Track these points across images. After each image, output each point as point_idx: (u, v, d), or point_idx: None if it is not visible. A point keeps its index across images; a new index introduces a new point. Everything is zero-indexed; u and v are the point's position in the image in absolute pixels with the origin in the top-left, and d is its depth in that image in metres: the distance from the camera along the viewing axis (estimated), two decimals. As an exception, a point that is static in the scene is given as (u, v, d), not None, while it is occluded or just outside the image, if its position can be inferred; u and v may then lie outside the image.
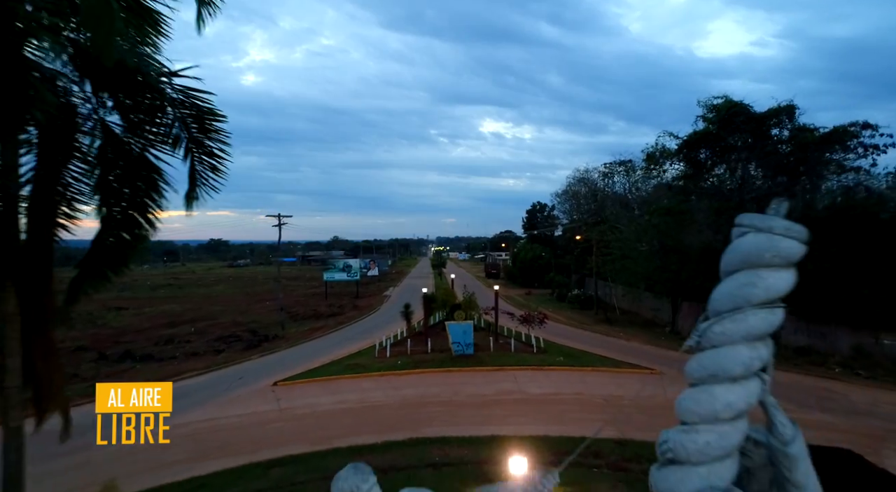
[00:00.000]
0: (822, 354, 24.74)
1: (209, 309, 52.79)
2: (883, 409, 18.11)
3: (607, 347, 28.38)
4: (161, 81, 5.71)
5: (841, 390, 20.44)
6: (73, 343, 31.11)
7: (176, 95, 5.78)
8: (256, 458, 14.12)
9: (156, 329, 39.02)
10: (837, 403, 18.95)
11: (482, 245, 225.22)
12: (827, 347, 24.99)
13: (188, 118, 5.91)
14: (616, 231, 37.73)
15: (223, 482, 12.80)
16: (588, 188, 53.31)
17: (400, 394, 20.09)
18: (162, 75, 5.71)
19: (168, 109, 5.85)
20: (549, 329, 30.28)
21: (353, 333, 35.56)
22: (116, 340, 34.41)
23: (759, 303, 2.33)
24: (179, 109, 5.82)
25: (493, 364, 24.26)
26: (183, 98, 5.78)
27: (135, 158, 5.96)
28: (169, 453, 13.69)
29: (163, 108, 5.82)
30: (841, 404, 18.82)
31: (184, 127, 5.93)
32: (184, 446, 14.80)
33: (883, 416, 17.36)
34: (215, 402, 19.92)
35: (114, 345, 32.74)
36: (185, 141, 6.02)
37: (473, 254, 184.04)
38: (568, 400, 19.00)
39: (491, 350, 27.12)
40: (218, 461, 14.00)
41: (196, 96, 5.82)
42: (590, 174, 55.42)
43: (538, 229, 70.53)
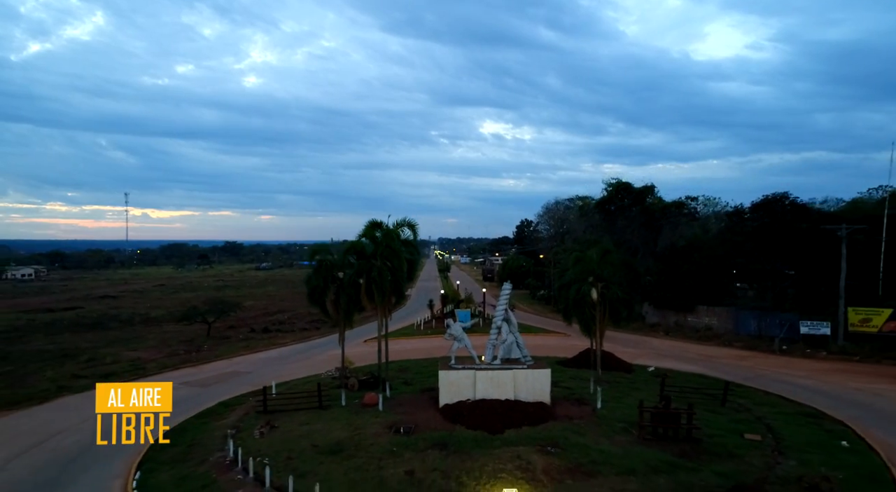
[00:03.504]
0: (661, 325, 44.79)
1: (280, 304, 72.78)
2: (661, 347, 38.06)
3: (549, 325, 48.36)
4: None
5: (653, 341, 40.51)
6: (230, 323, 51.23)
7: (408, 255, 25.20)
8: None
9: (261, 317, 59.03)
10: (647, 345, 38.93)
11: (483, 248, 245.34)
12: (663, 322, 45.04)
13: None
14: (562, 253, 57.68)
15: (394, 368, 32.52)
16: (554, 218, 73.35)
17: (427, 345, 39.77)
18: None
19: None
20: (519, 315, 50.13)
21: (393, 318, 55.53)
22: (246, 323, 54.45)
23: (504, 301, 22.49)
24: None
25: (481, 333, 44.16)
26: (410, 257, 25.16)
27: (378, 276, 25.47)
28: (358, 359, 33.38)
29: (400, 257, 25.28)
30: (647, 345, 38.81)
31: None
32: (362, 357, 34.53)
33: (658, 348, 37.31)
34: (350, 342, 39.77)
35: (246, 325, 52.74)
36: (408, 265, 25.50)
37: (474, 258, 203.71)
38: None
39: (480, 326, 47.00)
40: (366, 364, 33.71)
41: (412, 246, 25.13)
42: (558, 206, 75.49)
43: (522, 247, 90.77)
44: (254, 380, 30.48)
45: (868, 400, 24.54)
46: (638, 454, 17.46)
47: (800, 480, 15.58)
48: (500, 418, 20.18)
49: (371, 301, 23.38)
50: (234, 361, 36.94)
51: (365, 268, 22.60)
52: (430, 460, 17.10)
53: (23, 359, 37.61)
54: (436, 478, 15.87)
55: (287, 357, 38.12)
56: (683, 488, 15.18)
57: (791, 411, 22.73)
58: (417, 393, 25.12)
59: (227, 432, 20.88)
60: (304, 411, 22.85)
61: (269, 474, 16.11)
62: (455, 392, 21.82)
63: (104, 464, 19.01)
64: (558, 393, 23.74)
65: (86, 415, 24.28)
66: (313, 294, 23.94)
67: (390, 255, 22.70)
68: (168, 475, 17.74)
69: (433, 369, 25.23)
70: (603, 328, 22.95)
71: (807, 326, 34.56)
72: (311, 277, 24.07)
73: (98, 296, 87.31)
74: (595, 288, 21.97)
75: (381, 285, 22.39)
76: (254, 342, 43.35)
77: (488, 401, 21.28)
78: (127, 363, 35.83)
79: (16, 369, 34.58)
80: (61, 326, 53.39)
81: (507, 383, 21.78)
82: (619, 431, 19.70)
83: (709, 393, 24.18)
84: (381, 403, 23.04)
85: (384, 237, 23.03)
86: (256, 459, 17.52)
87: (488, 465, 16.45)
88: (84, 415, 23.91)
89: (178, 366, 35.18)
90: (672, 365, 31.79)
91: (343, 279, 22.75)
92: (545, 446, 17.87)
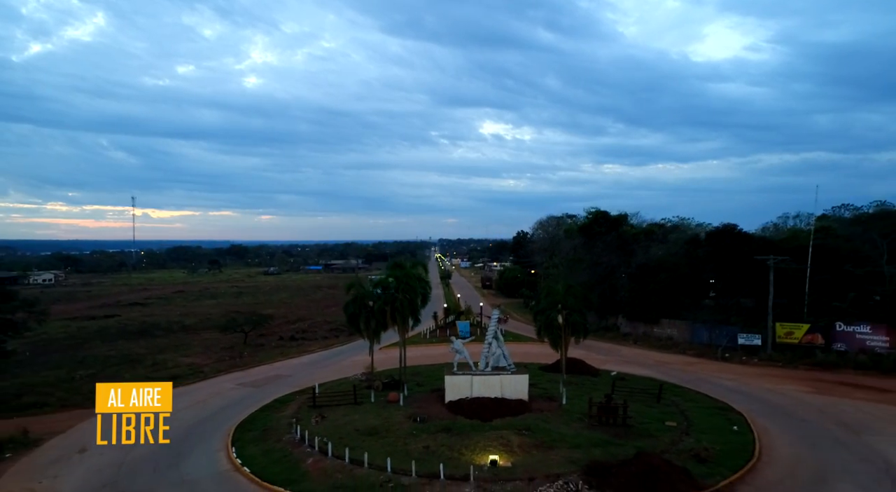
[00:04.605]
0: (631, 335, 52.44)
1: (298, 312, 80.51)
2: (628, 355, 45.69)
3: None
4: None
5: (622, 349, 48.16)
6: (261, 331, 58.93)
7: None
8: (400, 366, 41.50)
9: (285, 325, 66.71)
10: (617, 353, 46.57)
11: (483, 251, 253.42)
12: (633, 332, 52.70)
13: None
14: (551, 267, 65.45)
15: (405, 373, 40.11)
16: (546, 233, 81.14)
17: (434, 352, 47.34)
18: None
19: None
20: (512, 324, 57.88)
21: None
22: (273, 331, 62.11)
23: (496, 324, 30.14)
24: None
25: (478, 341, 51.77)
26: (423, 291, 32.86)
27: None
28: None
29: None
30: (617, 353, 46.45)
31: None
32: (380, 362, 42.14)
33: (625, 356, 44.94)
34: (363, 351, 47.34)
35: (274, 334, 60.38)
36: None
37: (474, 262, 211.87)
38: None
39: (478, 335, 54.64)
40: (385, 369, 41.30)
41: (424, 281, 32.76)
42: (550, 221, 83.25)
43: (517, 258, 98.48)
44: (295, 382, 38.19)
45: (770, 397, 32.16)
46: (585, 435, 25.06)
47: (690, 450, 23.19)
48: (490, 410, 27.78)
49: (394, 323, 31.06)
50: (274, 366, 44.59)
51: (389, 299, 30.21)
52: (439, 439, 24.69)
53: (97, 363, 45.21)
54: (444, 450, 23.43)
55: (317, 363, 45.77)
56: (610, 455, 22.73)
57: (708, 406, 30.34)
58: (428, 392, 32.71)
59: (290, 420, 28.50)
60: (344, 406, 30.46)
61: (331, 447, 23.73)
62: (457, 392, 29.43)
63: (206, 442, 26.64)
64: (535, 392, 31.37)
65: (179, 406, 31.80)
66: (351, 319, 31.55)
67: (408, 289, 30.33)
68: (255, 449, 25.35)
69: (440, 374, 32.83)
70: (567, 344, 30.40)
71: (743, 337, 42.20)
72: (350, 305, 31.66)
73: (128, 303, 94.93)
74: (561, 314, 29.40)
75: (402, 312, 30.03)
76: (286, 349, 51.03)
77: (482, 398, 28.89)
78: (186, 368, 43.48)
79: (98, 372, 42.16)
80: (112, 334, 60.98)
81: (495, 386, 29.44)
82: (575, 419, 27.31)
83: (651, 392, 31.76)
84: (402, 400, 30.70)
85: (403, 276, 30.70)
86: (317, 438, 25.10)
87: (480, 442, 24.02)
88: (177, 406, 30.69)
89: (229, 370, 42.86)
90: (632, 370, 39.38)
91: (373, 307, 30.32)
92: (521, 430, 25.44)
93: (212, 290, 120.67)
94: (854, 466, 22.06)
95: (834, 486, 20.32)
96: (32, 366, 43.35)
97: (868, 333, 38.60)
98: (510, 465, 21.95)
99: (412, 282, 30.63)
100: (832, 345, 39.64)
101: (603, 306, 55.58)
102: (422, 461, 21.89)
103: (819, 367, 38.26)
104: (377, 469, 21.86)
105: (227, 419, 29.89)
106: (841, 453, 23.48)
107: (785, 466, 22.28)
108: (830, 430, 26.31)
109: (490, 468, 21.49)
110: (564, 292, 30.11)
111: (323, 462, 23.10)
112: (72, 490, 21.54)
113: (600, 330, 55.26)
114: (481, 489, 20.13)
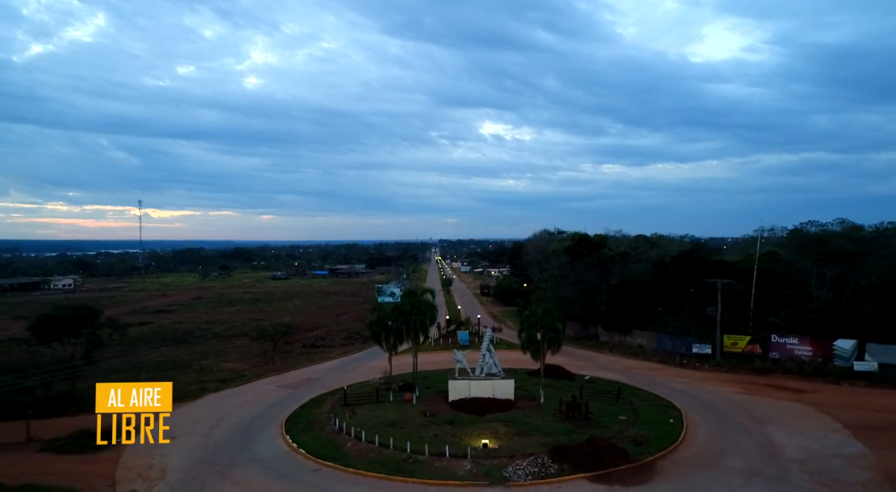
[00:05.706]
0: (608, 344, 60.58)
1: (313, 320, 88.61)
2: (603, 361, 53.81)
3: (528, 341, 64.17)
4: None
5: (599, 357, 56.29)
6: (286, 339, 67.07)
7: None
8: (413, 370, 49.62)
9: (304, 333, 74.83)
10: (594, 359, 54.69)
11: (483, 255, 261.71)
12: (610, 341, 60.85)
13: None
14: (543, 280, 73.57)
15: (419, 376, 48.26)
16: (540, 244, 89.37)
17: (438, 359, 55.36)
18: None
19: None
20: (506, 333, 66.04)
21: (409, 334, 71.31)
22: (295, 338, 70.19)
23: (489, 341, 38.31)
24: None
25: (475, 348, 59.84)
26: (431, 314, 41.05)
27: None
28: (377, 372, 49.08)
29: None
30: (594, 360, 54.57)
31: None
32: (394, 367, 50.26)
33: (601, 362, 53.07)
34: (381, 357, 55.43)
35: (297, 341, 68.45)
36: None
37: (474, 267, 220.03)
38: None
39: (475, 344, 62.75)
40: (399, 373, 49.42)
41: (432, 306, 40.87)
42: (543, 235, 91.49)
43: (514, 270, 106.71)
44: (324, 384, 46.32)
45: (707, 397, 40.30)
46: (555, 426, 33.20)
47: (632, 437, 31.35)
48: (484, 408, 35.94)
49: (408, 338, 39.40)
50: (304, 370, 52.75)
51: (404, 321, 38.45)
52: (445, 429, 32.85)
53: (153, 368, 53.35)
54: (448, 437, 31.56)
55: (339, 368, 53.92)
56: (571, 440, 30.77)
57: (656, 404, 38.46)
58: (435, 393, 40.84)
59: (328, 415, 36.64)
60: (369, 404, 38.59)
61: (364, 435, 31.91)
62: (458, 393, 37.58)
63: (265, 431, 34.79)
64: (520, 393, 39.47)
65: (235, 404, 40.59)
66: (374, 335, 39.86)
67: (419, 312, 38.60)
68: (305, 437, 33.46)
69: (444, 378, 40.95)
70: (544, 355, 38.58)
71: (697, 347, 50.36)
72: (373, 324, 39.97)
73: (154, 310, 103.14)
74: (539, 332, 37.53)
75: (414, 331, 38.31)
76: (311, 356, 59.21)
77: (477, 398, 37.04)
78: (230, 372, 51.64)
79: (153, 377, 50.29)
80: (152, 341, 69.16)
81: (488, 388, 37.61)
82: (549, 415, 35.46)
83: (613, 393, 39.88)
84: (415, 399, 38.85)
85: (416, 302, 39.03)
86: (353, 428, 33.22)
87: (475, 431, 32.16)
88: (234, 404, 40.13)
89: (267, 374, 51.03)
90: (603, 374, 47.47)
91: (392, 327, 38.58)
92: (507, 422, 33.58)
93: (227, 296, 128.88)
94: (747, 447, 30.22)
95: (728, 460, 28.48)
96: (104, 372, 51.50)
97: (796, 343, 46.76)
98: (497, 447, 30.13)
99: (422, 306, 38.89)
100: (768, 354, 47.80)
101: (585, 318, 63.83)
102: (432, 444, 30.03)
103: (756, 372, 46.43)
104: (399, 450, 30.03)
105: (277, 414, 38.01)
106: (742, 437, 31.67)
107: (698, 446, 30.48)
108: (741, 421, 34.50)
109: (482, 449, 29.64)
110: (542, 314, 38.29)
111: (359, 445, 31.27)
112: (180, 461, 29.72)
113: (582, 339, 63.51)
114: (476, 464, 28.31)
